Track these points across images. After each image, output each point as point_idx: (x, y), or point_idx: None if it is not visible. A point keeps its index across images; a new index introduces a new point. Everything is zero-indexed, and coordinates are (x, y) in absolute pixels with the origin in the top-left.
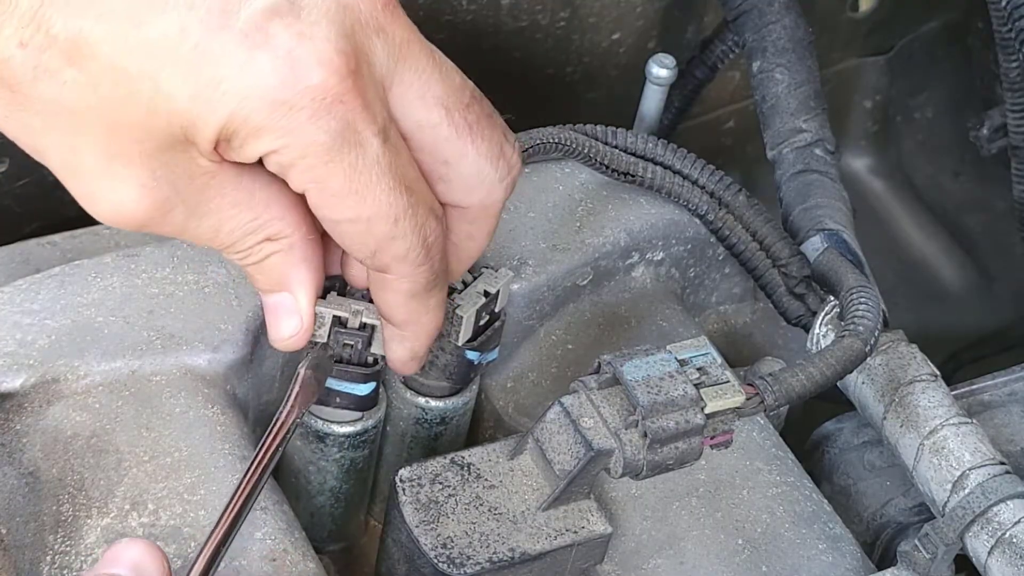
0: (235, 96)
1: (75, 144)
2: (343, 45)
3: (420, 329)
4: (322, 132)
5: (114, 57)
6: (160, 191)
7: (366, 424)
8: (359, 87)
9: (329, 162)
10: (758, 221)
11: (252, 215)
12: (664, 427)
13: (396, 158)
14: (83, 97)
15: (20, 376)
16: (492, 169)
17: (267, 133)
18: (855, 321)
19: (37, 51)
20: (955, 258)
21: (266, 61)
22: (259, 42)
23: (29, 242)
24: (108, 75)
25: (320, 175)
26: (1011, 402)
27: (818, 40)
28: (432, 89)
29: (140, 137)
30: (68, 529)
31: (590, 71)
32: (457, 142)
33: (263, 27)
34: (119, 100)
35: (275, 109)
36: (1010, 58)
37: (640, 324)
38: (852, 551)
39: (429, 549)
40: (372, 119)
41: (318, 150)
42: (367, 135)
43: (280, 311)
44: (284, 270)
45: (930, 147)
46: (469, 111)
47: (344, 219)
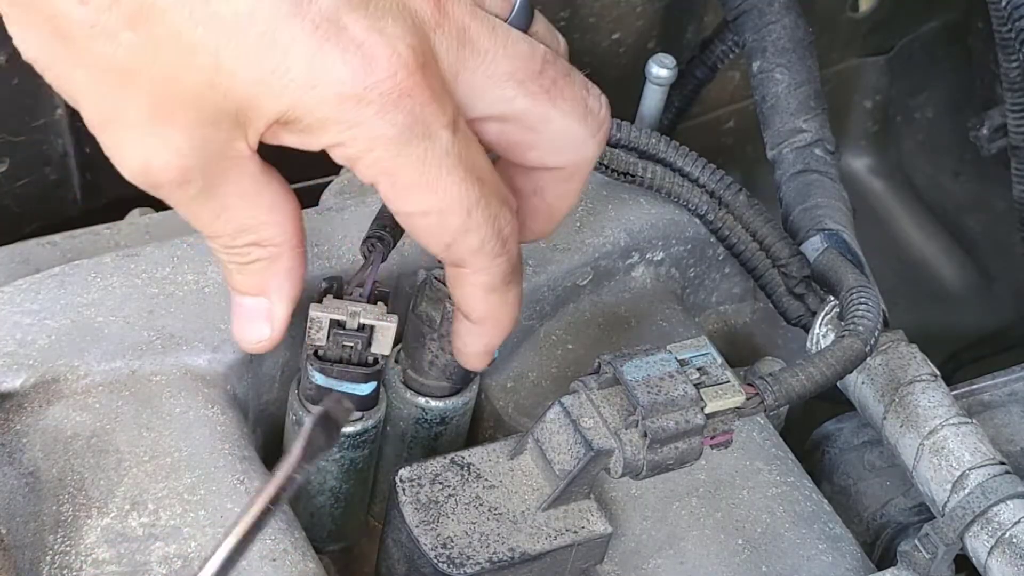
0: (301, 87)
1: (119, 99)
2: (412, 40)
3: (497, 324)
4: (390, 126)
5: (179, 26)
6: (191, 158)
7: (366, 424)
8: (427, 81)
9: (398, 155)
10: (758, 221)
11: (253, 212)
12: (664, 427)
13: (466, 149)
14: (138, 59)
15: (20, 376)
16: (580, 126)
17: (333, 125)
18: (855, 321)
19: (98, 10)
20: (955, 258)
21: (336, 54)
22: (330, 34)
23: (29, 242)
24: (170, 42)
25: (389, 168)
26: (1011, 402)
27: (818, 40)
28: (499, 67)
29: (190, 106)
30: (68, 529)
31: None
32: (537, 108)
33: (335, 19)
34: (177, 68)
35: (343, 103)
36: (1010, 58)
37: (640, 324)
38: (852, 551)
39: (429, 549)
40: (441, 111)
41: (386, 143)
42: (436, 127)
43: (252, 315)
44: (267, 276)
45: (930, 147)
46: (543, 76)
47: (416, 211)
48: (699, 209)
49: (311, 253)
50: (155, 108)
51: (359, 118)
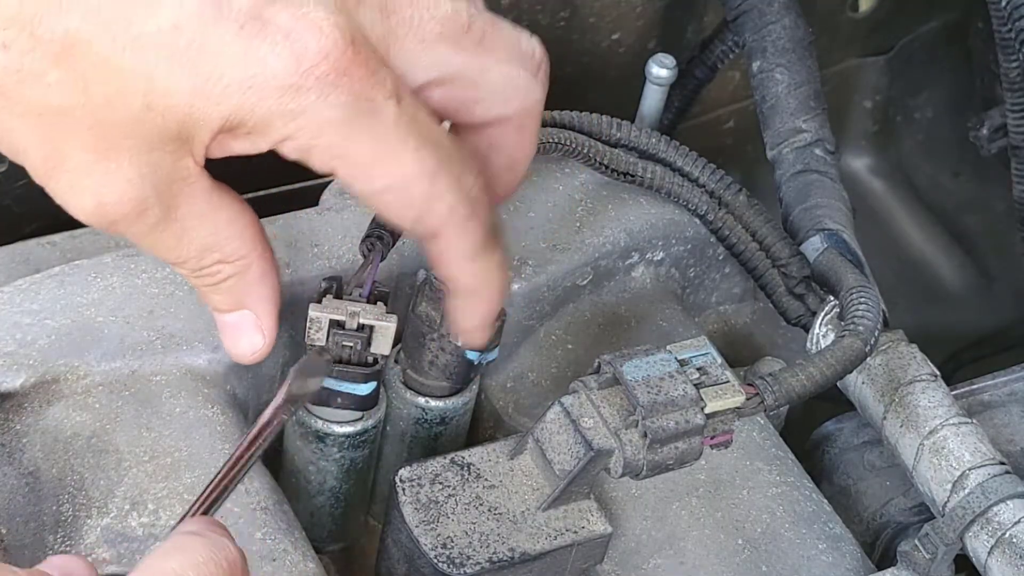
0: (239, 88)
1: (60, 142)
2: (337, 19)
3: (487, 291)
4: (333, 107)
5: (105, 55)
6: (142, 189)
7: (366, 424)
8: (361, 57)
9: (348, 136)
10: (758, 221)
11: (213, 229)
12: (664, 427)
13: (415, 117)
14: (70, 97)
15: (20, 376)
16: (520, 70)
17: (277, 120)
18: (855, 321)
19: (20, 53)
20: (955, 258)
21: (266, 48)
22: (256, 30)
23: (29, 242)
24: (99, 73)
25: (341, 150)
26: (1011, 402)
27: (818, 40)
28: (427, 30)
29: (130, 134)
30: (68, 529)
31: (590, 71)
32: (474, 62)
33: (258, 15)
34: (110, 98)
35: (282, 95)
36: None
37: (640, 324)
38: (852, 551)
39: (429, 549)
40: (381, 83)
41: (334, 126)
42: (380, 100)
43: (239, 329)
44: (242, 289)
45: (930, 147)
46: (472, 30)
47: (379, 189)
48: (699, 209)
49: (311, 253)
50: (96, 143)
51: (300, 106)
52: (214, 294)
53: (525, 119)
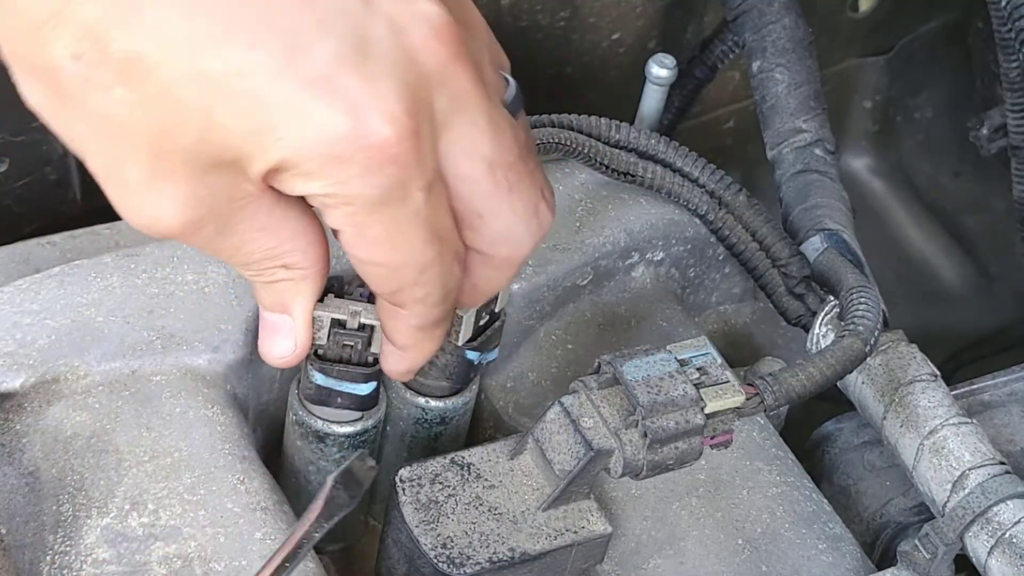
0: (290, 144)
1: (119, 155)
2: (408, 104)
3: (420, 353)
4: (372, 188)
5: (168, 83)
6: (199, 208)
7: (366, 424)
8: (416, 146)
9: (371, 213)
10: (758, 221)
11: (275, 242)
12: (664, 427)
13: (435, 210)
14: (132, 114)
15: (20, 376)
16: (523, 228)
17: (316, 179)
18: (855, 321)
19: (89, 65)
20: (955, 258)
21: (327, 113)
22: (322, 92)
23: (29, 242)
24: (161, 99)
25: (359, 222)
26: (1011, 402)
27: (818, 40)
28: (480, 145)
29: (187, 159)
30: (68, 529)
31: (590, 71)
32: (492, 200)
33: (329, 77)
34: (170, 123)
35: (329, 161)
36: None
37: (640, 324)
38: (852, 551)
39: (429, 549)
40: (421, 174)
41: (364, 203)
42: (413, 189)
43: (277, 331)
44: (291, 296)
45: (930, 147)
46: (511, 170)
47: (373, 262)
48: (699, 209)
49: None
50: (154, 162)
51: (342, 177)
52: (263, 290)
53: (504, 264)
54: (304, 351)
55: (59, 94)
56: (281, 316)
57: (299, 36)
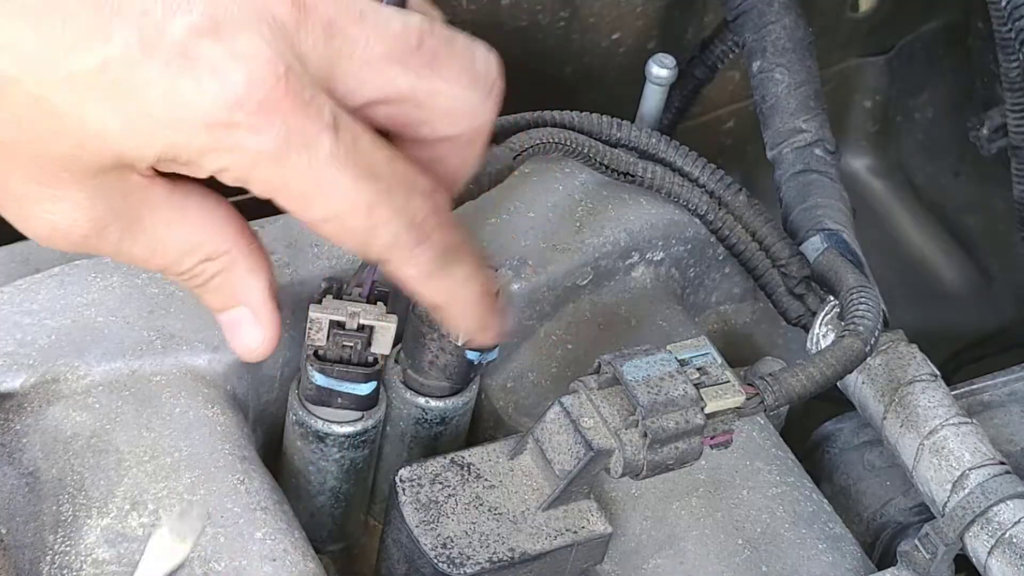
0: (167, 125)
1: (3, 172)
2: (269, 52)
3: (458, 305)
4: (266, 142)
5: (36, 94)
6: (95, 209)
7: (366, 424)
8: (293, 89)
9: (282, 169)
10: (758, 221)
11: (186, 233)
12: (664, 427)
13: (353, 147)
14: (6, 131)
15: (20, 376)
16: (471, 92)
17: (211, 152)
18: (855, 321)
19: None
20: (955, 258)
21: (191, 86)
22: (182, 67)
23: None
24: (31, 112)
25: (278, 183)
26: (1011, 402)
27: (818, 40)
28: (373, 50)
29: (69, 166)
30: (68, 529)
31: (590, 71)
32: (422, 84)
33: (185, 51)
34: (44, 134)
35: (213, 130)
36: (1010, 58)
37: (640, 324)
38: (852, 551)
39: (429, 549)
40: (316, 116)
41: (267, 160)
42: (314, 133)
43: (239, 326)
44: (232, 286)
45: (930, 147)
46: (421, 50)
47: (317, 219)
48: (699, 209)
49: (311, 253)
50: (39, 174)
51: (232, 142)
52: (204, 294)
53: (472, 138)
54: (275, 333)
55: None
56: (237, 310)
57: (151, 17)
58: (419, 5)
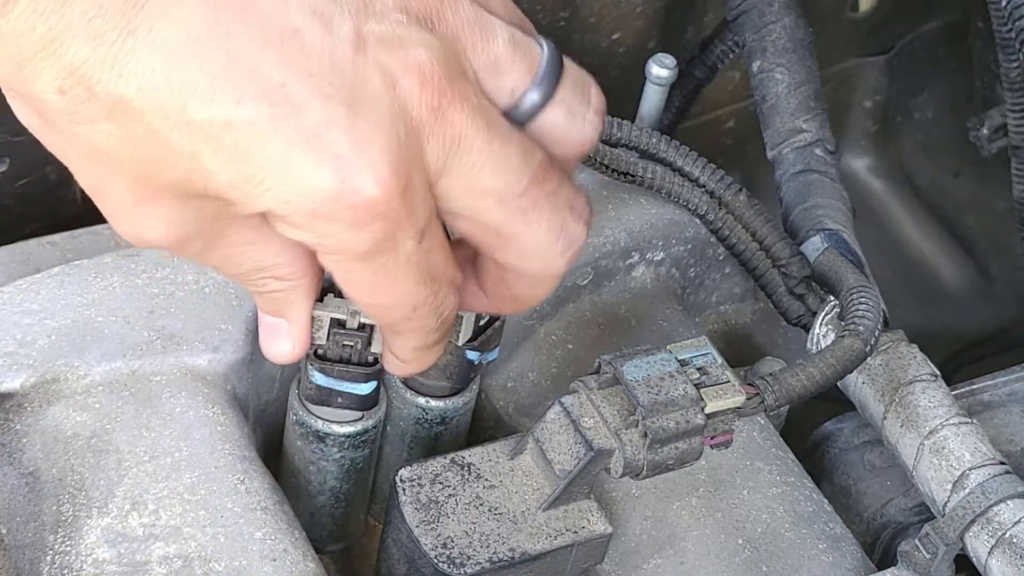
0: (276, 198)
1: (106, 178)
2: (397, 162)
3: (421, 365)
4: (359, 243)
5: (156, 127)
6: (185, 226)
7: (366, 424)
8: (406, 201)
9: (360, 263)
10: (758, 221)
11: (262, 255)
12: (664, 427)
13: (427, 255)
14: (119, 147)
15: (20, 376)
16: (550, 246)
17: (303, 231)
18: (855, 321)
19: (74, 101)
20: (955, 258)
21: (314, 172)
22: (310, 150)
23: (29, 242)
24: (147, 139)
25: (348, 270)
26: (1011, 402)
27: (818, 40)
28: (481, 181)
29: (171, 192)
30: (68, 529)
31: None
32: (508, 227)
33: (317, 135)
34: (156, 160)
35: (315, 218)
36: (1010, 58)
37: (640, 324)
38: (852, 551)
39: (429, 549)
40: (412, 225)
41: (352, 255)
42: (403, 239)
43: (274, 332)
44: (285, 304)
45: (930, 147)
46: (525, 196)
47: (362, 301)
48: (699, 209)
49: None
50: (140, 190)
51: (329, 230)
52: (259, 298)
53: (539, 279)
54: (302, 350)
55: (46, 121)
56: (277, 320)
57: (288, 92)
58: (561, 117)
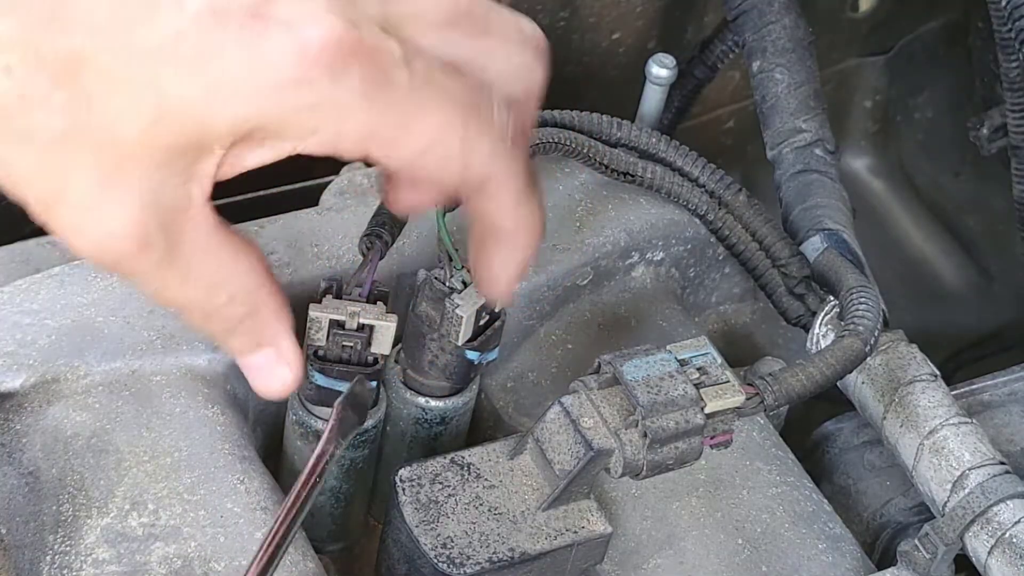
0: (250, 89)
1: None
2: (336, 7)
3: (528, 237)
4: (349, 90)
5: (111, 68)
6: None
7: (366, 424)
8: (363, 34)
9: (369, 112)
10: (758, 221)
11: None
12: (664, 427)
13: (429, 76)
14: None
15: (20, 376)
16: (523, 51)
17: (296, 116)
18: (855, 321)
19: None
20: (955, 258)
21: (269, 45)
22: (257, 28)
23: (29, 242)
24: (105, 87)
25: (369, 129)
26: (1011, 402)
27: (818, 40)
28: (429, 15)
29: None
30: (68, 529)
31: (590, 71)
32: (479, 44)
33: (257, 11)
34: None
35: (295, 89)
36: (1010, 58)
37: (640, 324)
38: (852, 551)
39: (429, 549)
40: (388, 56)
41: (354, 108)
42: (391, 69)
43: (266, 369)
44: (260, 328)
45: (930, 147)
46: (472, 15)
47: (417, 154)
48: (699, 209)
49: (311, 253)
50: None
51: (316, 98)
52: (231, 338)
53: (530, 101)
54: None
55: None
56: (262, 353)
57: None
58: None
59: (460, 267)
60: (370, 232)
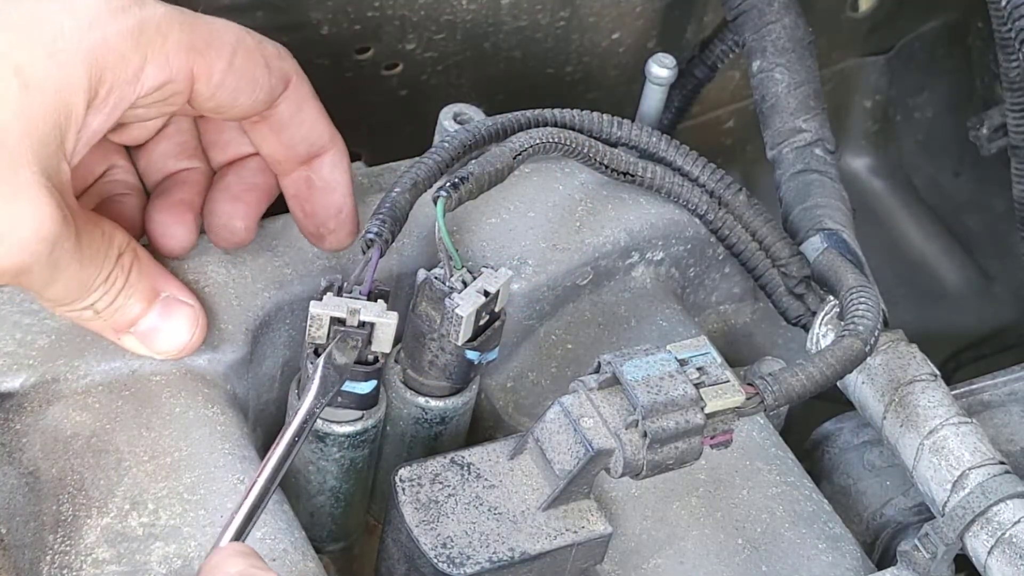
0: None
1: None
2: None
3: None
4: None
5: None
6: (59, 202)
7: (366, 424)
8: None
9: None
10: (758, 221)
11: (100, 222)
12: (664, 427)
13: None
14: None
15: (20, 376)
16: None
17: (124, 56)
18: (855, 321)
19: None
20: (955, 258)
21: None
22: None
23: None
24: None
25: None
26: (1011, 402)
27: (818, 40)
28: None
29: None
30: (68, 529)
31: (590, 71)
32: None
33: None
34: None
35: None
36: (1010, 58)
37: (640, 324)
38: (852, 551)
39: (429, 549)
40: None
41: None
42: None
43: (169, 318)
44: (151, 274)
45: (930, 147)
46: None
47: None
48: (699, 209)
49: (311, 253)
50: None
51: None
52: (129, 297)
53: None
54: (203, 314)
55: None
56: (161, 301)
57: None
58: None
59: (460, 267)
60: (369, 231)
